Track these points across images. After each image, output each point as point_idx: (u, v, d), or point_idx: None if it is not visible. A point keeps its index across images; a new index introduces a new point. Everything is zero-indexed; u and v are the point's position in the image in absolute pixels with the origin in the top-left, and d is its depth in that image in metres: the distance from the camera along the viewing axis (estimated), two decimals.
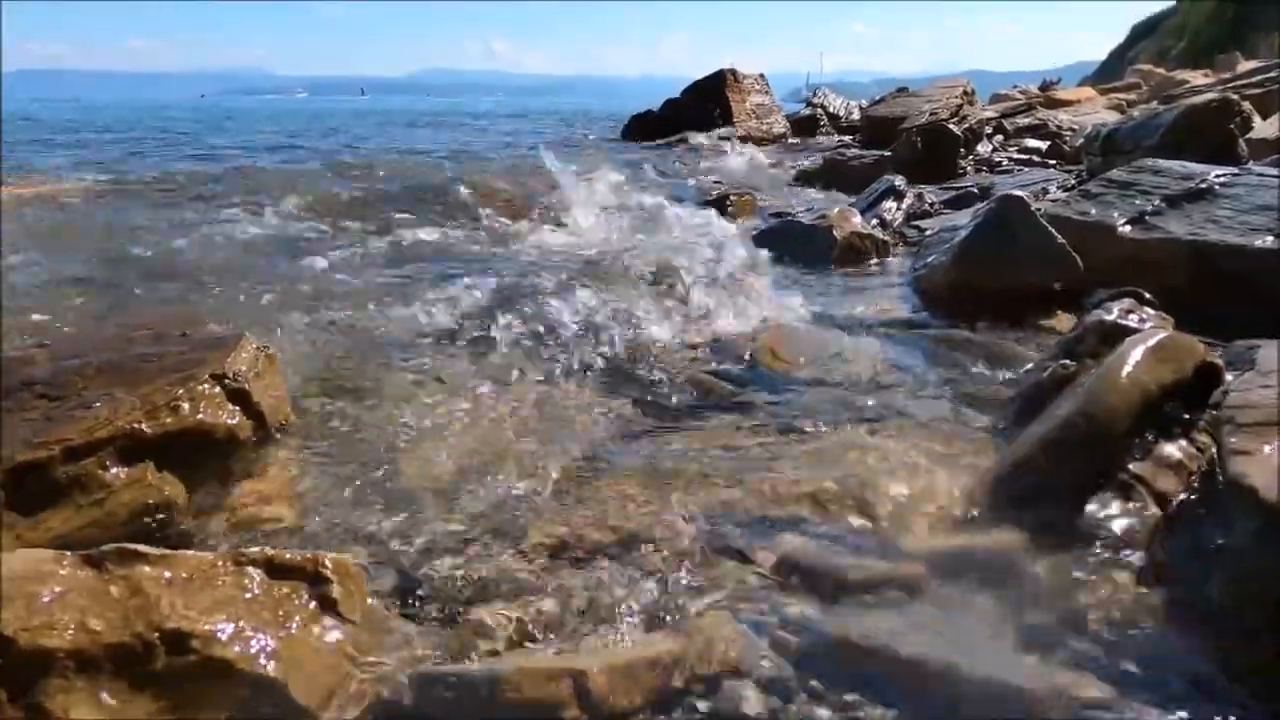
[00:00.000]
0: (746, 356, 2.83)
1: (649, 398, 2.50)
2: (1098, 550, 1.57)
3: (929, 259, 3.86)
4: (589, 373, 2.68)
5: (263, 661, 1.24)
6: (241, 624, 1.26)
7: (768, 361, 2.77)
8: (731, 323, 3.17)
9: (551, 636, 1.39)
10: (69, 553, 1.30)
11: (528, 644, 1.36)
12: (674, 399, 2.48)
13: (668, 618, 1.42)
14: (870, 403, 2.41)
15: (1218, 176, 3.50)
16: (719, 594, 1.50)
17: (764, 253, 4.13)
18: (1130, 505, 1.71)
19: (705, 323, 3.15)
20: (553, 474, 1.99)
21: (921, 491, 1.87)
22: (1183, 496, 1.73)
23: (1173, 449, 1.86)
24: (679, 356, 2.82)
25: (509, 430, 2.23)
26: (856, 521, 1.76)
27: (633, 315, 3.04)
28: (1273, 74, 8.58)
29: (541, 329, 2.88)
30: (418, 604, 1.48)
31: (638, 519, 1.78)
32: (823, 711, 1.22)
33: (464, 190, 5.63)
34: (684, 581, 1.54)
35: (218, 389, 2.00)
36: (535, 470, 2.00)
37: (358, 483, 1.86)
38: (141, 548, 1.31)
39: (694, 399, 2.52)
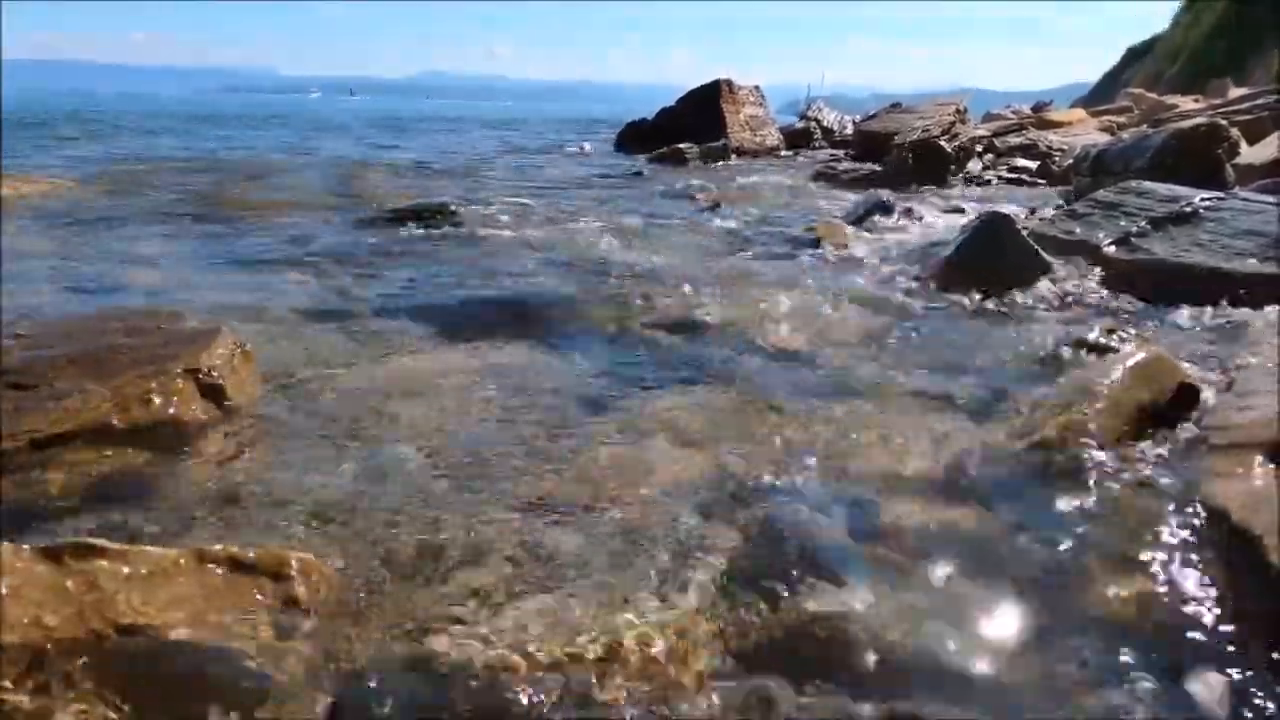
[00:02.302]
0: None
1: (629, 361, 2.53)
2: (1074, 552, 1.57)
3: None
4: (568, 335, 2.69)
5: (222, 659, 1.22)
6: (201, 621, 1.24)
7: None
8: None
9: (525, 620, 1.37)
10: (26, 546, 1.27)
11: (497, 631, 1.34)
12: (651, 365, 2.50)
13: (646, 598, 1.41)
14: (858, 375, 2.44)
15: (1203, 200, 3.52)
16: (700, 568, 1.50)
17: None
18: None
19: None
20: (525, 439, 2.00)
21: (902, 467, 1.90)
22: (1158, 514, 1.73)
23: (1150, 466, 1.86)
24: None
25: (483, 397, 2.25)
26: (837, 492, 1.77)
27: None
28: (1262, 100, 8.66)
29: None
30: (391, 589, 1.45)
31: (614, 488, 1.77)
32: (796, 696, 1.21)
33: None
34: (664, 557, 1.53)
35: (191, 383, 1.98)
36: (509, 436, 2.01)
37: (331, 467, 1.83)
38: (101, 542, 1.28)
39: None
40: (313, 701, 1.21)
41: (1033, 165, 8.85)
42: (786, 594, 1.42)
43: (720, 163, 11.01)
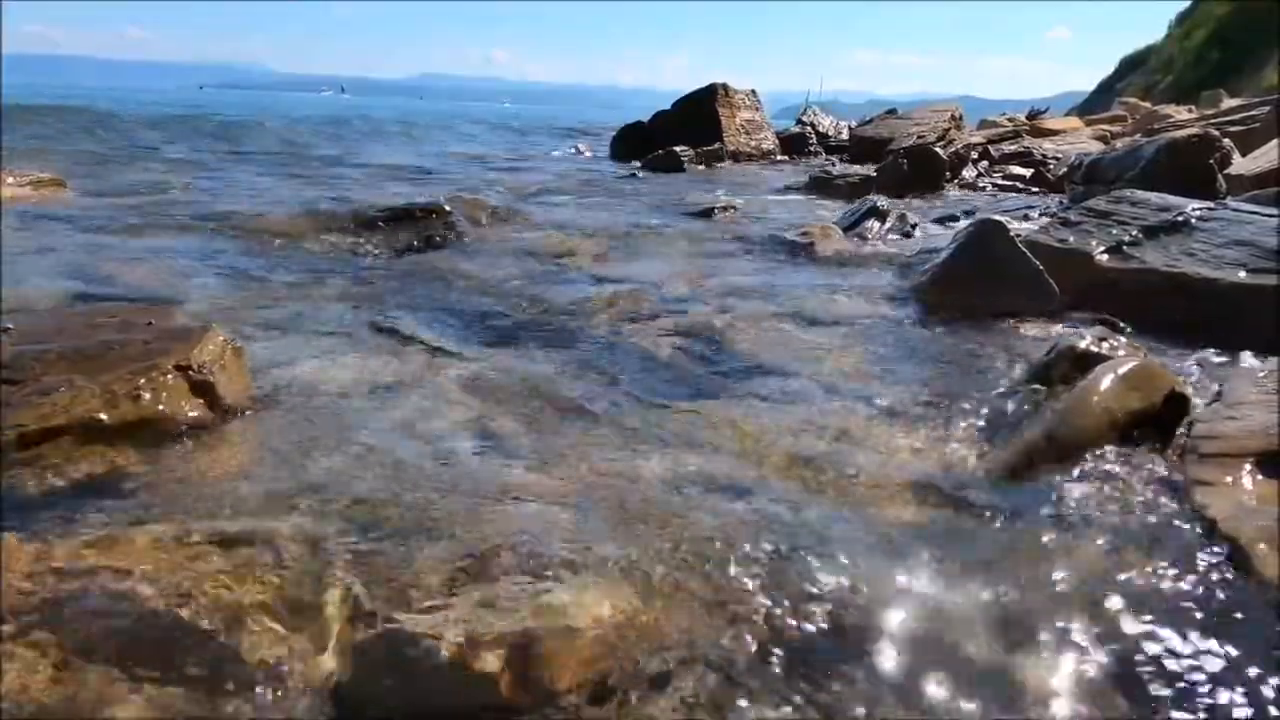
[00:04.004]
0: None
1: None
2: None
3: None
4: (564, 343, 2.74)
5: (213, 636, 1.21)
6: (191, 598, 1.23)
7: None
8: None
9: (499, 599, 1.37)
10: (12, 535, 1.27)
11: (473, 610, 1.34)
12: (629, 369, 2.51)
13: (624, 580, 1.42)
14: (847, 382, 2.46)
15: (1195, 210, 3.53)
16: (679, 557, 1.50)
17: None
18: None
19: None
20: (509, 437, 2.02)
21: (890, 473, 1.91)
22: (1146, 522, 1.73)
23: (1139, 475, 1.86)
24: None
25: (470, 396, 2.27)
26: (829, 497, 1.79)
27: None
28: (1255, 111, 8.71)
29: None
30: (375, 575, 1.45)
31: (596, 483, 1.79)
32: (773, 685, 1.22)
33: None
34: (646, 542, 1.54)
35: (181, 380, 1.97)
36: (495, 434, 2.03)
37: (319, 462, 1.83)
38: (88, 535, 1.28)
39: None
40: (298, 683, 1.21)
41: (1027, 173, 8.89)
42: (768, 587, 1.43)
43: (716, 166, 11.02)
